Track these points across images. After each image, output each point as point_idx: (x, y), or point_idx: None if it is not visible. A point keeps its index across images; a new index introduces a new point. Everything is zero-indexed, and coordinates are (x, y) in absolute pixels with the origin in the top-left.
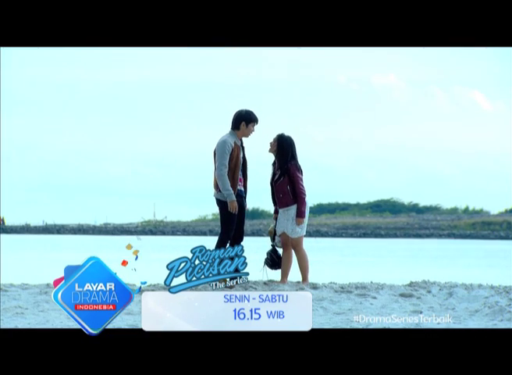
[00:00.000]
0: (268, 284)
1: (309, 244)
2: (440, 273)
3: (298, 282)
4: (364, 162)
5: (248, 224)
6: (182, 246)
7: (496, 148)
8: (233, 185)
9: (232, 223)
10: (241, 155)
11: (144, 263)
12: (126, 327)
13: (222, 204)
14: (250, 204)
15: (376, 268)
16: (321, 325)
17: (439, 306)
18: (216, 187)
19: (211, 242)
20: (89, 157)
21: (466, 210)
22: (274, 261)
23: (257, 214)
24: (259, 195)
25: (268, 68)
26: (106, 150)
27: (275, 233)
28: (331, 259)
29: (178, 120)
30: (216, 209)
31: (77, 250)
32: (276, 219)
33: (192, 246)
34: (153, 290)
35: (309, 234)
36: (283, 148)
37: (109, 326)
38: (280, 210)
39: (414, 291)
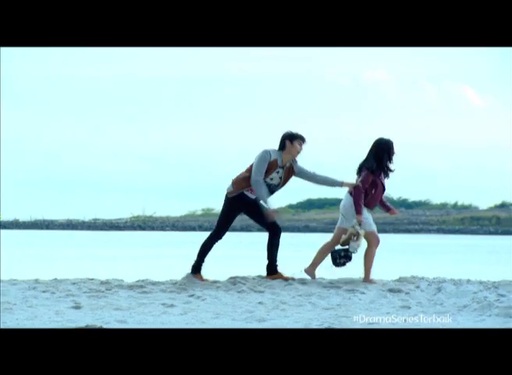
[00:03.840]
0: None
1: (296, 240)
2: (429, 268)
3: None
4: (353, 158)
5: (239, 219)
6: (171, 241)
7: (485, 143)
8: (245, 186)
9: (227, 223)
10: (276, 175)
11: (135, 258)
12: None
13: (226, 200)
14: None
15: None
16: (310, 320)
17: (428, 301)
18: (235, 184)
19: (202, 237)
20: (78, 152)
21: (455, 205)
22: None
23: None
24: None
25: (258, 63)
26: (95, 145)
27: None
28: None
29: (167, 115)
30: (206, 205)
31: (66, 246)
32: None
33: (181, 241)
34: (142, 285)
35: (298, 230)
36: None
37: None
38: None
39: (403, 287)
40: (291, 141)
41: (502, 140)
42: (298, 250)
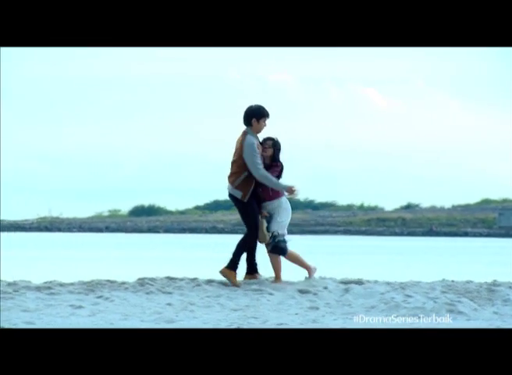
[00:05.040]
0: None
1: (205, 241)
2: (336, 269)
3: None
4: None
5: (144, 221)
6: (78, 243)
7: (390, 145)
8: (250, 186)
9: (256, 216)
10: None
11: (42, 259)
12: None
13: (238, 202)
14: (147, 200)
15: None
16: (219, 321)
17: (336, 302)
18: (232, 182)
19: (109, 239)
20: None
21: (361, 207)
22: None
23: (154, 210)
24: (156, 192)
25: (163, 63)
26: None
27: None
28: (226, 256)
29: (75, 116)
30: (113, 206)
31: None
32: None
33: (88, 242)
34: (49, 287)
35: (205, 231)
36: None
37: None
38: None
39: (311, 288)
40: (258, 119)
41: (406, 141)
42: (209, 251)
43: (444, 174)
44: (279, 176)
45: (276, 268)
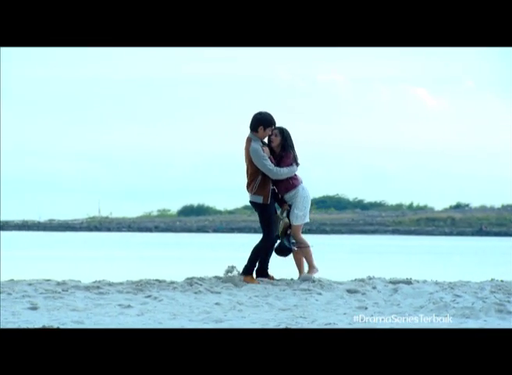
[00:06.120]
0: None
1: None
2: (385, 268)
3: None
4: (309, 159)
5: (194, 220)
6: (127, 242)
7: (439, 144)
8: (269, 189)
9: (273, 224)
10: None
11: (91, 259)
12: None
13: (260, 207)
14: (196, 200)
15: (321, 264)
16: (267, 321)
17: (384, 302)
18: (251, 190)
19: (158, 238)
20: (33, 153)
21: (410, 206)
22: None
23: (203, 210)
24: (205, 192)
25: (211, 64)
26: (50, 146)
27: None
28: (274, 256)
29: (122, 116)
30: (162, 206)
31: (22, 246)
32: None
33: (138, 242)
34: (98, 286)
35: (254, 231)
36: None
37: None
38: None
39: (360, 287)
40: (265, 128)
41: (457, 141)
42: None
43: (494, 173)
44: (292, 164)
45: (298, 264)
